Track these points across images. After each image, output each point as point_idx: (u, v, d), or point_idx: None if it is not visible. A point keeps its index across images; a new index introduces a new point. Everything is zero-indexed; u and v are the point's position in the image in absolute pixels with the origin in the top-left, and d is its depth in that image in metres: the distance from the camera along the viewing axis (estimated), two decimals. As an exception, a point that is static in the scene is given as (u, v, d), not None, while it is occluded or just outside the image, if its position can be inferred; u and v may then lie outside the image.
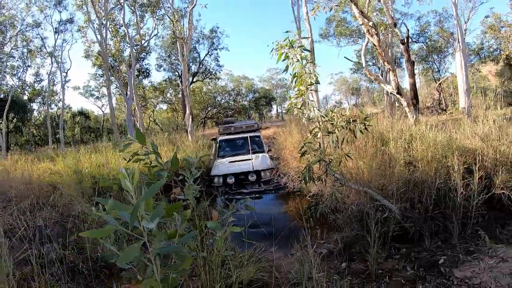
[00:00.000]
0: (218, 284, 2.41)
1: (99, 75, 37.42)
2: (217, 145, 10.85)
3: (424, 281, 3.54)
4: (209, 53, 39.54)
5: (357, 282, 3.72)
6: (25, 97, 35.45)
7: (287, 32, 4.45)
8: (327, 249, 4.56)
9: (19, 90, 29.61)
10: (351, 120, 4.38)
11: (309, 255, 3.12)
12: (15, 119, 31.95)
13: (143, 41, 25.88)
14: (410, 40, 28.70)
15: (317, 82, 4.38)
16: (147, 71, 37.19)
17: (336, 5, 9.10)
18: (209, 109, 45.32)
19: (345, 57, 31.17)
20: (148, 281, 1.81)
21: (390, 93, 8.78)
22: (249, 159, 9.14)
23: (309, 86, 4.43)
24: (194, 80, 38.34)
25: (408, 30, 27.42)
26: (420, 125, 6.39)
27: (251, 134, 10.68)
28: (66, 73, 31.64)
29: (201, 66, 39.15)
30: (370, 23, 7.34)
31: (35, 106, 40.40)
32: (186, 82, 16.74)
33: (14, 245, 4.12)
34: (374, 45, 7.64)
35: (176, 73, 40.13)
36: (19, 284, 3.26)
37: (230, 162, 9.29)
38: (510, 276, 3.08)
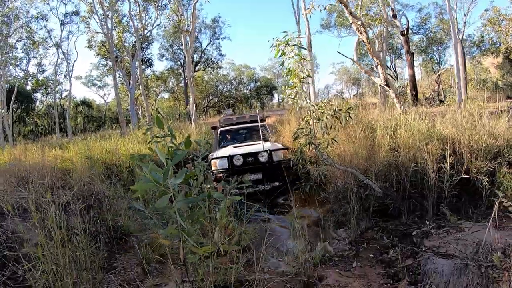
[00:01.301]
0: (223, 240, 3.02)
1: (102, 64, 38.02)
2: (218, 135, 10.18)
3: (396, 247, 4.19)
4: (211, 43, 40.03)
5: (339, 245, 4.40)
6: (28, 87, 35.98)
7: (284, 32, 5.08)
8: (315, 217, 5.28)
9: (22, 81, 30.05)
10: (337, 109, 5.05)
11: (296, 219, 3.77)
12: (19, 109, 32.46)
13: (145, 31, 26.33)
14: (410, 31, 29.27)
15: (309, 76, 5.01)
16: (150, 60, 37.67)
17: (330, 4, 9.61)
18: (211, 98, 45.82)
19: (337, 52, 31.05)
20: (170, 228, 2.42)
21: (379, 85, 9.46)
22: (257, 143, 8.23)
23: (302, 79, 5.07)
24: (196, 70, 38.74)
25: (408, 21, 27.96)
26: (407, 115, 6.95)
27: (256, 124, 9.41)
28: (73, 64, 32.17)
29: (203, 55, 39.59)
30: (359, 22, 7.93)
31: (38, 96, 41.13)
32: (190, 73, 17.27)
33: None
34: (363, 41, 8.23)
35: (178, 63, 40.62)
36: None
37: (234, 147, 8.48)
38: (472, 246, 3.63)
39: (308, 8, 8.90)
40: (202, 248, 2.37)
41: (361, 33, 8.04)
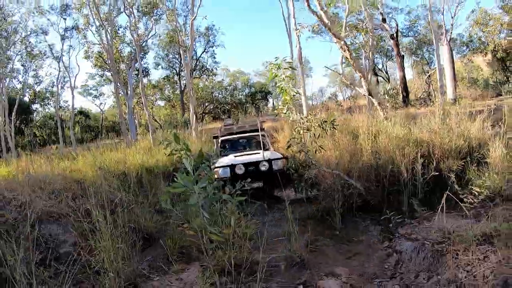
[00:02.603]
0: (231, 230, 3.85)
1: (99, 75, 38.73)
2: (219, 144, 10.47)
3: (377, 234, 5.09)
4: (206, 51, 40.55)
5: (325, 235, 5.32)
6: (26, 99, 36.55)
7: (276, 58, 6.03)
8: (306, 213, 6.22)
9: (20, 92, 30.67)
10: (323, 121, 5.97)
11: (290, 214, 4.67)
12: (17, 121, 33.06)
13: (141, 41, 27.10)
14: (400, 34, 30.18)
15: (298, 93, 5.92)
16: (146, 70, 38.34)
17: (318, 25, 10.46)
18: (206, 105, 46.36)
19: (325, 66, 31.97)
20: (197, 220, 3.25)
21: (363, 94, 10.43)
22: (258, 152, 8.60)
23: (292, 97, 5.98)
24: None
25: (397, 25, 28.85)
26: (388, 121, 7.76)
27: (256, 133, 9.80)
28: (75, 78, 32.92)
29: (198, 63, 40.17)
30: (342, 42, 8.82)
31: (35, 107, 41.71)
32: (189, 86, 17.99)
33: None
34: (347, 57, 9.13)
35: (174, 71, 41.27)
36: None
37: (235, 156, 8.69)
38: (438, 233, 4.43)
39: (297, 29, 9.81)
40: (224, 231, 3.22)
41: (344, 51, 8.91)
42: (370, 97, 9.58)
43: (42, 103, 41.71)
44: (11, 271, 3.36)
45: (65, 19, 27.74)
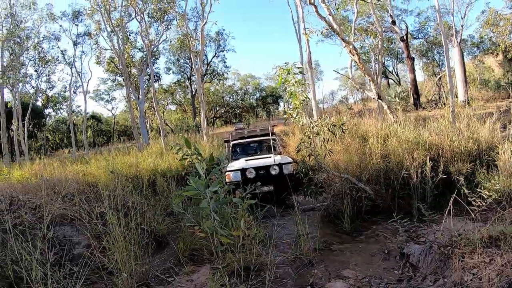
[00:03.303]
0: (241, 233, 3.93)
1: (111, 80, 39.19)
2: (230, 148, 10.54)
3: (385, 238, 5.12)
4: (216, 55, 40.87)
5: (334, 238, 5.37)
6: (38, 103, 37.04)
7: (286, 63, 6.12)
8: (315, 216, 6.30)
9: (32, 97, 31.07)
10: (332, 125, 6.03)
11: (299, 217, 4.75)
12: (30, 125, 33.46)
13: (152, 47, 27.33)
14: (410, 36, 30.05)
15: (307, 98, 6.00)
16: (157, 74, 38.67)
17: (326, 29, 10.50)
18: (217, 109, 46.62)
19: (334, 70, 31.98)
20: (207, 222, 3.34)
21: (373, 98, 10.52)
22: (268, 156, 8.61)
23: (301, 102, 6.06)
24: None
25: (407, 27, 28.72)
26: (398, 124, 7.78)
27: (267, 138, 10.04)
28: (88, 83, 33.38)
29: (208, 67, 40.45)
30: (351, 46, 8.89)
31: (48, 111, 42.32)
32: (200, 90, 18.07)
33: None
34: (356, 61, 9.21)
35: (185, 76, 41.61)
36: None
37: (246, 160, 8.71)
38: (445, 238, 4.44)
39: (306, 34, 9.90)
40: (233, 232, 3.30)
41: (353, 55, 9.01)
42: (380, 100, 9.63)
43: (55, 108, 42.38)
44: (26, 271, 3.47)
45: (77, 25, 28.19)
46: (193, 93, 40.81)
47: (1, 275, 3.90)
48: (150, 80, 25.46)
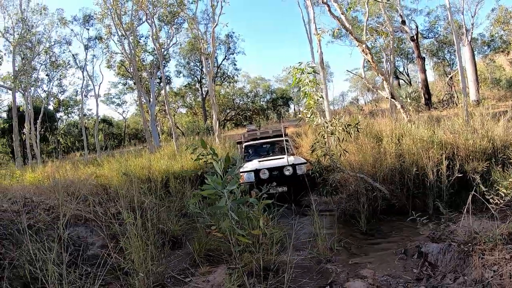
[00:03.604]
0: (261, 231, 3.93)
1: (122, 83, 39.45)
2: (243, 150, 10.63)
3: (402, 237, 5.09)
4: (226, 58, 40.96)
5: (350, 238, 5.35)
6: (50, 107, 37.45)
7: (299, 63, 6.12)
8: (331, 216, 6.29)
9: (44, 101, 31.35)
10: (346, 124, 6.01)
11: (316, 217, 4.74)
12: (42, 129, 33.79)
13: (162, 50, 27.42)
14: (420, 36, 29.90)
15: (321, 97, 5.99)
16: (168, 78, 38.86)
17: (338, 29, 10.47)
18: (228, 112, 46.72)
19: (347, 70, 31.86)
20: (226, 222, 3.34)
21: (386, 97, 10.52)
22: (281, 157, 8.64)
23: (316, 101, 6.05)
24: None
25: (417, 26, 28.57)
26: (412, 124, 7.74)
27: (279, 139, 10.11)
28: (99, 86, 33.67)
29: (219, 70, 40.55)
30: (364, 45, 8.87)
31: (60, 115, 42.76)
32: (212, 92, 18.15)
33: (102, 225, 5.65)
34: (369, 61, 9.19)
35: (195, 78, 41.76)
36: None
37: (259, 161, 8.80)
38: (464, 235, 4.40)
39: (317, 34, 9.91)
40: (253, 231, 3.30)
41: (366, 54, 8.99)
42: (393, 100, 9.59)
43: (66, 111, 42.74)
44: (41, 271, 3.48)
45: (88, 29, 28.42)
46: (204, 96, 40.98)
47: (15, 275, 3.92)
48: (161, 83, 25.56)
